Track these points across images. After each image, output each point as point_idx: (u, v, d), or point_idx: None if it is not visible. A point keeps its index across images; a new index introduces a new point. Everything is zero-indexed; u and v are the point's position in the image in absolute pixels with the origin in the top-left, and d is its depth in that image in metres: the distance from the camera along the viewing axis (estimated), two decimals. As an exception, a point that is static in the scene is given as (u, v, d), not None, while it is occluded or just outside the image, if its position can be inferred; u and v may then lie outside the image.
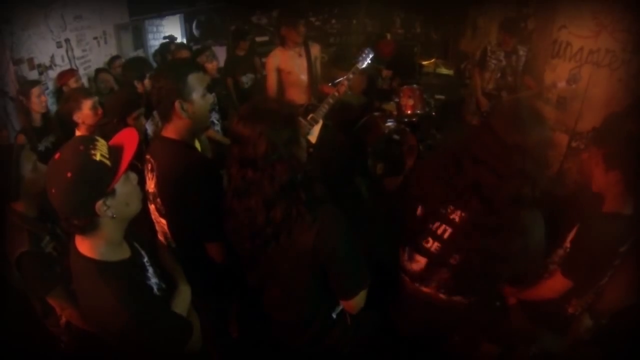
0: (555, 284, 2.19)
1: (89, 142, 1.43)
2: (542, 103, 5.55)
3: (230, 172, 1.75)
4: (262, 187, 1.66)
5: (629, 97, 4.37)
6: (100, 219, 1.45)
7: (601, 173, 2.09)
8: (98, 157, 1.40)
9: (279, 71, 4.19)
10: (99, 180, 1.41)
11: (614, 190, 2.07)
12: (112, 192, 1.45)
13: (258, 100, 1.81)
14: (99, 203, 1.41)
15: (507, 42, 5.31)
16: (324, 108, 3.90)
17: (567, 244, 2.24)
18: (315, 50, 4.34)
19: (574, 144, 4.84)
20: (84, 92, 3.42)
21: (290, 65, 4.16)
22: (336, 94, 3.86)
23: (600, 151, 2.10)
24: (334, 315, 2.00)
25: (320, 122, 3.93)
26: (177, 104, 1.99)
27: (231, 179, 1.76)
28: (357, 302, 1.84)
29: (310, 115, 3.91)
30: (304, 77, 4.22)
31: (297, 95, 4.21)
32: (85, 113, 3.23)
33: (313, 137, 3.88)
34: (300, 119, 3.56)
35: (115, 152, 1.47)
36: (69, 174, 1.35)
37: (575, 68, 5.02)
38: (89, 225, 1.45)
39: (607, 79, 4.68)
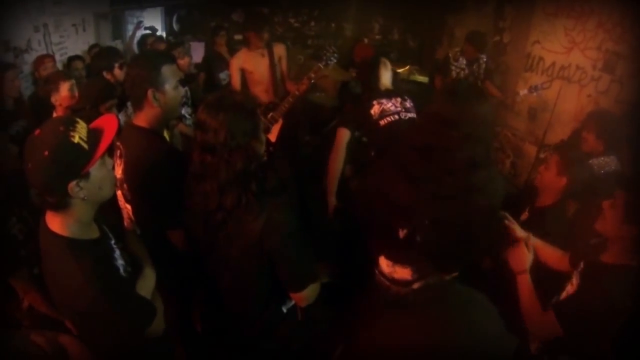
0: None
1: (69, 123, 1.46)
2: (513, 114, 5.70)
3: (192, 155, 1.83)
4: (218, 172, 1.74)
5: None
6: (71, 199, 1.47)
7: (613, 222, 1.89)
8: (76, 140, 1.42)
9: (243, 71, 4.39)
10: (74, 162, 1.43)
11: (620, 242, 1.90)
12: (87, 175, 1.47)
13: (224, 91, 1.88)
14: (72, 184, 1.43)
15: (469, 53, 5.31)
16: (284, 107, 3.95)
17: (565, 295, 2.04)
18: (280, 49, 4.51)
19: (541, 155, 4.97)
20: (63, 75, 3.43)
21: (252, 65, 4.36)
22: (296, 92, 3.90)
23: (623, 197, 1.87)
24: (284, 309, 2.06)
25: (280, 121, 3.97)
26: (149, 93, 2.05)
27: (191, 162, 1.84)
28: (306, 295, 1.90)
29: (270, 114, 3.96)
30: (266, 76, 4.41)
31: (261, 94, 4.39)
32: (62, 95, 3.24)
33: (272, 136, 3.91)
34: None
35: (94, 136, 1.49)
36: (45, 152, 1.38)
37: (546, 82, 5.16)
38: (61, 203, 1.48)
39: (577, 94, 4.84)
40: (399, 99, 3.58)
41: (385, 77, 3.64)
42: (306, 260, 1.88)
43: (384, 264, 1.27)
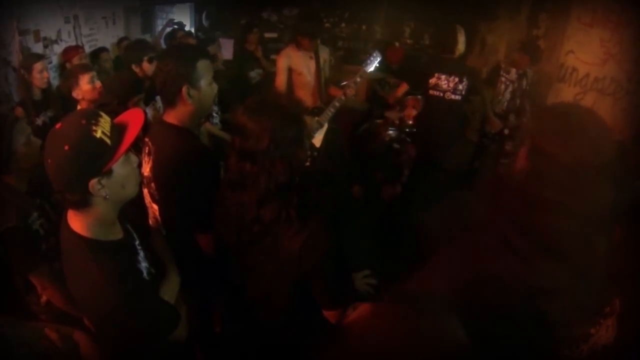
0: None
1: (92, 116, 1.38)
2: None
3: (228, 162, 1.71)
4: (258, 182, 1.61)
5: (632, 126, 4.42)
6: (93, 197, 1.41)
7: None
8: (99, 134, 1.34)
9: (290, 71, 4.20)
10: (96, 158, 1.35)
11: None
12: (109, 172, 1.40)
13: (267, 94, 1.78)
14: (94, 181, 1.36)
15: (522, 63, 5.01)
16: (330, 111, 3.89)
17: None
18: (325, 54, 4.37)
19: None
20: (82, 67, 3.38)
21: (301, 66, 4.19)
22: (343, 97, 3.85)
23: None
24: (313, 322, 1.95)
25: (325, 126, 3.91)
26: (184, 89, 1.96)
27: (228, 169, 1.73)
28: (340, 313, 1.80)
29: (316, 119, 3.89)
30: (312, 79, 4.24)
31: (305, 97, 4.19)
32: (83, 89, 3.16)
33: (317, 141, 3.86)
34: (308, 119, 3.56)
35: (117, 131, 1.42)
36: (66, 147, 1.31)
37: (579, 94, 5.03)
38: (82, 202, 1.41)
39: (611, 108, 4.72)
40: (455, 79, 4.27)
41: (462, 42, 4.28)
42: (342, 279, 1.79)
43: None
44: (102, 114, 1.43)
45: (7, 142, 1.99)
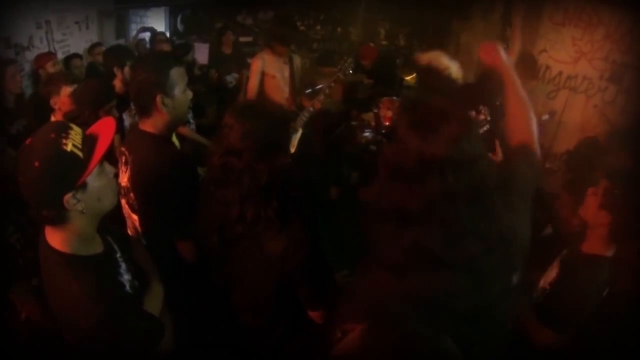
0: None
1: (61, 129, 1.35)
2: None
3: (211, 160, 1.71)
4: (242, 179, 1.63)
5: (603, 122, 4.53)
6: (69, 212, 1.37)
7: (594, 206, 1.99)
8: (69, 148, 1.31)
9: (264, 74, 4.19)
10: (68, 173, 1.32)
11: (601, 230, 1.97)
12: (83, 186, 1.36)
13: (258, 99, 1.80)
14: (68, 196, 1.33)
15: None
16: (304, 117, 3.92)
17: (546, 285, 2.13)
18: (297, 61, 4.41)
19: (547, 165, 4.93)
20: (65, 78, 3.29)
21: (274, 70, 4.19)
22: (311, 108, 3.91)
23: (605, 186, 1.98)
24: (297, 324, 1.98)
25: (300, 131, 3.92)
26: (158, 99, 1.93)
27: (210, 166, 1.73)
28: (325, 314, 1.82)
29: (291, 124, 3.90)
30: (286, 84, 4.26)
31: (279, 101, 4.20)
32: (63, 100, 3.08)
33: (292, 147, 3.87)
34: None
35: (89, 143, 1.38)
36: (36, 163, 1.28)
37: (552, 92, 5.12)
38: (58, 218, 1.38)
39: (583, 105, 4.82)
40: None
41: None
42: (325, 279, 1.81)
43: None
44: (73, 126, 1.40)
45: None
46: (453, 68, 3.44)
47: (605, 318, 2.00)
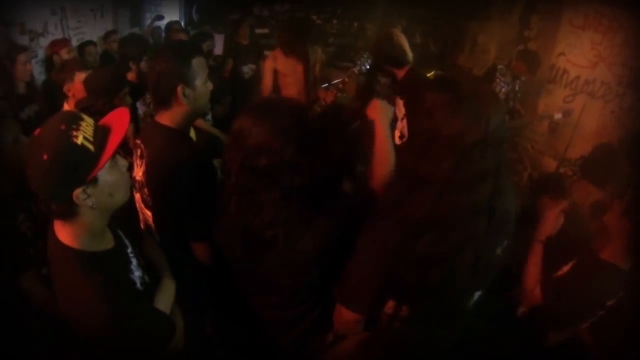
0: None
1: (72, 120, 1.28)
2: (532, 126, 5.58)
3: (229, 166, 1.61)
4: (277, 183, 1.52)
5: (620, 129, 4.47)
6: (79, 207, 1.32)
7: (616, 216, 2.01)
8: (80, 141, 1.25)
9: (276, 72, 4.21)
10: (78, 167, 1.26)
11: (620, 239, 1.98)
12: (94, 180, 1.30)
13: (273, 96, 1.73)
14: (78, 191, 1.27)
15: (518, 69, 4.92)
16: (316, 110, 3.87)
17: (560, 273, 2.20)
18: (316, 54, 4.37)
19: (562, 170, 4.88)
20: (79, 64, 3.26)
21: (286, 69, 4.19)
22: (323, 102, 3.85)
23: (631, 194, 2.03)
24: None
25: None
26: (179, 89, 1.86)
27: (230, 174, 1.61)
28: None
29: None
30: (300, 80, 4.24)
31: (292, 97, 4.17)
32: (77, 86, 3.03)
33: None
34: None
35: (102, 135, 1.32)
36: (45, 156, 1.22)
37: (569, 96, 5.06)
38: (68, 212, 1.33)
39: (600, 110, 4.78)
40: None
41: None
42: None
43: None
44: (84, 116, 1.34)
45: None
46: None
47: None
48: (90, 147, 1.27)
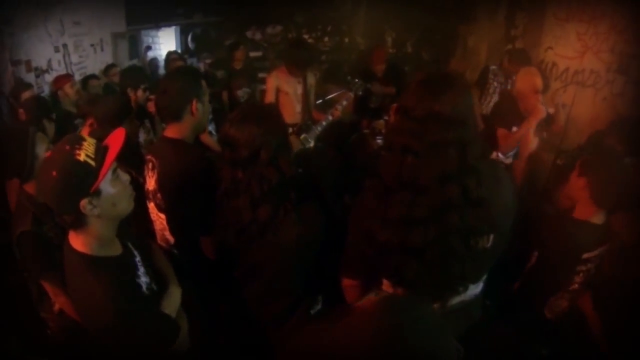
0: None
1: (75, 141, 1.48)
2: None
3: (221, 173, 1.85)
4: (251, 187, 1.76)
5: (613, 115, 4.52)
6: (87, 217, 1.49)
7: (574, 177, 2.27)
8: (82, 158, 1.44)
9: (278, 91, 4.40)
10: (82, 180, 1.44)
11: (583, 196, 2.22)
12: (98, 192, 1.48)
13: (248, 105, 1.90)
14: (84, 202, 1.45)
15: (509, 69, 4.88)
16: (317, 130, 4.04)
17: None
18: (312, 80, 4.61)
19: (559, 162, 4.94)
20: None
21: (288, 88, 4.39)
22: (330, 117, 4.03)
23: (580, 159, 2.30)
24: (312, 313, 2.06)
25: (312, 143, 4.06)
26: (194, 102, 2.17)
27: (222, 180, 1.85)
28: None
29: (303, 135, 4.05)
30: (299, 100, 4.44)
31: (290, 116, 4.37)
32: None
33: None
34: (293, 138, 3.86)
35: (101, 152, 1.51)
36: (54, 173, 1.41)
37: (561, 88, 5.15)
38: (77, 222, 1.50)
39: (592, 99, 4.83)
40: None
41: None
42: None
43: None
44: (86, 137, 1.53)
45: (31, 151, 2.13)
46: None
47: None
48: (92, 162, 1.46)
